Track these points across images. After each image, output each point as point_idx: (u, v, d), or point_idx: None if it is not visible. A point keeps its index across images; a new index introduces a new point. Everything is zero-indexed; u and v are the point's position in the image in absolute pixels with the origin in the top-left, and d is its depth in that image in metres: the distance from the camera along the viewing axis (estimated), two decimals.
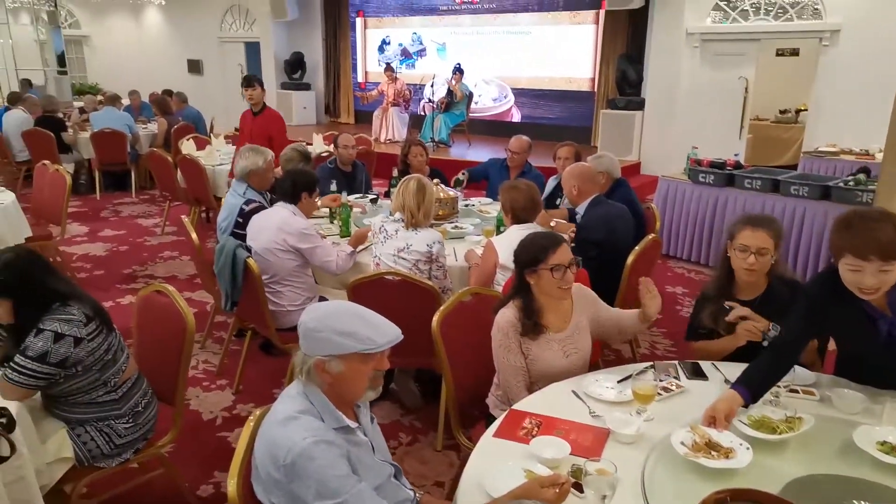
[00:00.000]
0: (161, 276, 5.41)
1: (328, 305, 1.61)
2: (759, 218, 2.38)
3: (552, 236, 2.27)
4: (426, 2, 11.87)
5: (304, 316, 1.58)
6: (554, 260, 2.17)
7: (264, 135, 5.11)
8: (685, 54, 8.55)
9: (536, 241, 2.24)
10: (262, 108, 5.25)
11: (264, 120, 5.21)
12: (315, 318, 1.56)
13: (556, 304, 2.28)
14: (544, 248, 2.19)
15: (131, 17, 15.18)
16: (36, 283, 2.07)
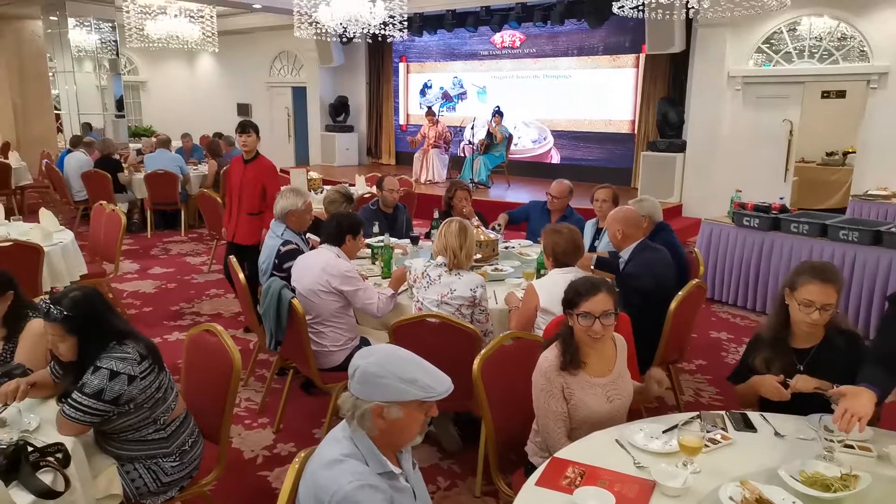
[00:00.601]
0: (207, 313, 5.55)
1: (385, 350, 1.63)
2: (825, 270, 2.29)
3: (592, 283, 2.27)
4: (467, 47, 12.16)
5: (360, 360, 1.58)
6: (584, 307, 2.20)
7: (256, 184, 4.84)
8: (727, 97, 8.52)
9: (576, 285, 2.28)
10: (254, 156, 4.89)
11: (256, 168, 4.87)
12: (376, 362, 1.55)
13: (600, 348, 2.29)
14: (579, 293, 2.23)
15: (186, 63, 15.95)
16: (100, 321, 2.16)
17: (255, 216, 4.89)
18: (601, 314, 2.19)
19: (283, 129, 14.67)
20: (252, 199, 4.86)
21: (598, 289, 2.22)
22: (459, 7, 10.45)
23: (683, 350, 3.72)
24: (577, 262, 3.18)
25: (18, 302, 2.64)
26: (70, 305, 2.11)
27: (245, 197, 4.86)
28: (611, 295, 2.24)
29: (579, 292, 2.22)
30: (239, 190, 4.88)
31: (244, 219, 4.90)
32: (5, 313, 2.60)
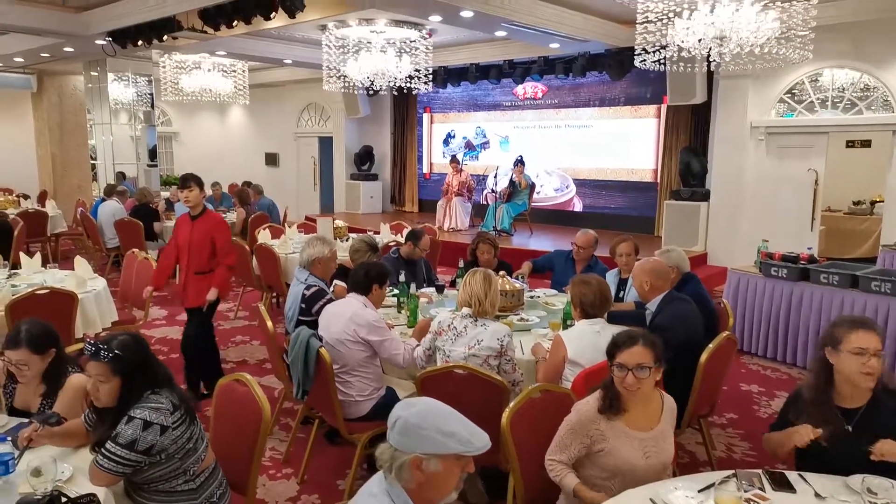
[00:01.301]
0: (233, 360, 5.59)
1: (426, 402, 1.64)
2: (865, 320, 2.33)
3: (630, 335, 2.30)
4: (490, 98, 12.42)
5: (400, 411, 1.59)
6: (620, 359, 2.22)
7: (205, 240, 4.53)
8: (750, 147, 8.55)
9: (616, 339, 2.30)
10: (201, 212, 4.57)
11: (204, 224, 4.55)
12: (417, 413, 1.56)
13: (643, 402, 2.29)
14: (617, 344, 2.26)
15: (217, 115, 16.48)
16: (144, 365, 2.20)
17: (203, 275, 4.60)
18: (635, 366, 2.19)
19: (310, 178, 14.99)
20: (201, 258, 4.58)
21: (636, 341, 2.24)
22: (483, 61, 10.73)
23: (715, 404, 3.65)
24: (604, 314, 3.17)
25: (60, 357, 2.66)
26: (119, 346, 2.16)
27: (193, 255, 4.58)
28: (649, 349, 2.25)
29: (617, 343, 2.26)
30: (187, 249, 4.59)
31: (192, 279, 4.62)
32: (47, 369, 2.61)
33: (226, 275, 4.65)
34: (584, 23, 7.98)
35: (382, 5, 6.66)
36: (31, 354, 2.56)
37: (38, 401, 2.65)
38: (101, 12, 8.15)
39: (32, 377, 2.61)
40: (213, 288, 4.54)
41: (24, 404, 2.71)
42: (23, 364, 2.55)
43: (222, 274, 4.60)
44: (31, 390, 2.67)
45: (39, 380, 2.64)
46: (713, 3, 5.69)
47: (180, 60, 11.14)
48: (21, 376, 2.60)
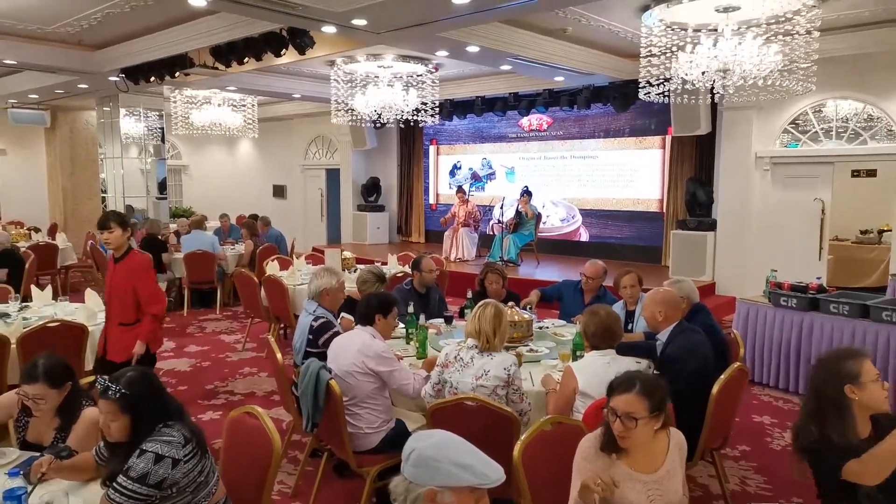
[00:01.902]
0: (241, 392, 5.58)
1: (440, 434, 1.64)
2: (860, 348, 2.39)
3: (628, 380, 2.20)
4: (496, 130, 12.57)
5: (415, 443, 1.59)
6: (612, 402, 2.17)
7: (127, 286, 4.00)
8: (756, 177, 8.59)
9: (616, 378, 2.24)
10: (124, 253, 4.05)
11: (126, 267, 4.02)
12: (432, 446, 1.56)
13: (645, 442, 2.19)
14: (612, 387, 2.20)
15: (226, 148, 16.71)
16: (153, 400, 2.21)
17: (127, 327, 4.05)
18: (623, 415, 2.12)
19: (317, 210, 15.10)
20: (124, 306, 4.03)
21: (630, 387, 2.15)
22: (488, 93, 10.88)
23: (727, 436, 3.61)
24: (613, 346, 3.16)
25: (75, 391, 2.67)
26: (127, 384, 2.17)
27: (115, 302, 4.06)
28: (644, 398, 2.13)
29: (612, 386, 2.21)
30: (109, 295, 4.11)
31: (115, 330, 4.09)
32: (61, 403, 2.62)
33: (151, 326, 4.01)
34: (589, 57, 8.11)
35: (390, 41, 6.79)
36: (48, 389, 2.57)
37: (52, 434, 2.65)
38: (115, 50, 8.34)
39: (48, 411, 2.62)
40: (138, 341, 3.98)
41: (36, 438, 2.71)
42: (40, 398, 2.56)
43: (147, 325, 4.00)
44: (45, 424, 2.67)
45: (54, 413, 2.64)
46: (716, 37, 5.80)
47: (191, 95, 11.36)
48: (37, 410, 2.60)
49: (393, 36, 6.45)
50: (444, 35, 6.45)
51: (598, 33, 7.34)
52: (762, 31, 5.65)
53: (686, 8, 5.91)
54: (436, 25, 6.06)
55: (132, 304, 4.03)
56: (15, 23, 7.21)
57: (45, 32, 7.70)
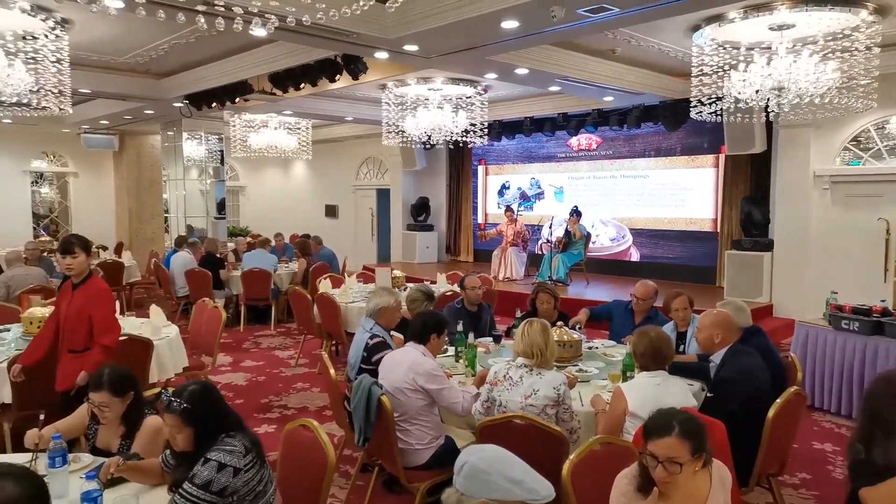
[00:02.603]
0: (294, 406, 5.72)
1: (493, 449, 1.69)
2: None
3: (664, 425, 2.06)
4: (545, 150, 12.59)
5: (468, 456, 1.64)
6: (651, 448, 2.04)
7: (82, 314, 3.76)
8: (814, 196, 8.34)
9: (649, 422, 2.11)
10: (84, 279, 3.82)
11: (84, 294, 3.78)
12: (483, 459, 1.62)
13: (683, 484, 2.06)
14: (648, 432, 2.08)
15: (281, 169, 17.26)
16: (214, 413, 2.33)
17: (77, 355, 3.79)
18: (665, 460, 1.99)
19: (367, 229, 15.39)
20: (76, 333, 3.78)
21: (669, 432, 2.02)
22: (537, 114, 10.94)
23: (785, 462, 3.51)
24: (661, 367, 3.13)
25: (138, 401, 2.84)
26: (189, 398, 2.30)
27: (67, 330, 3.80)
28: (685, 440, 2.01)
29: (649, 430, 2.06)
30: (63, 321, 3.84)
31: (65, 357, 3.84)
32: (126, 411, 2.80)
33: (99, 357, 3.67)
34: (638, 76, 8.09)
35: (440, 65, 6.95)
36: (112, 397, 2.74)
37: (119, 441, 2.82)
38: (179, 78, 8.80)
39: (113, 418, 2.79)
40: (82, 372, 3.66)
41: (105, 444, 2.88)
42: (105, 406, 2.74)
43: (95, 356, 3.69)
44: (112, 431, 2.85)
45: (119, 421, 2.82)
46: (770, 55, 5.72)
47: (249, 119, 11.82)
48: (102, 417, 2.78)
49: (443, 60, 6.61)
50: (492, 58, 6.56)
51: (648, 53, 7.32)
52: (819, 48, 5.54)
53: (738, 26, 5.85)
54: (484, 49, 6.18)
55: (85, 332, 3.78)
56: (91, 54, 7.71)
57: (118, 63, 8.20)
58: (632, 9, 4.81)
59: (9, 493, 1.45)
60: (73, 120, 11.87)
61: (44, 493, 1.53)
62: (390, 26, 5.55)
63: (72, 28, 6.13)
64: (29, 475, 1.54)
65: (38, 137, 13.92)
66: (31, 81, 5.71)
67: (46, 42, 5.70)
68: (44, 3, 5.40)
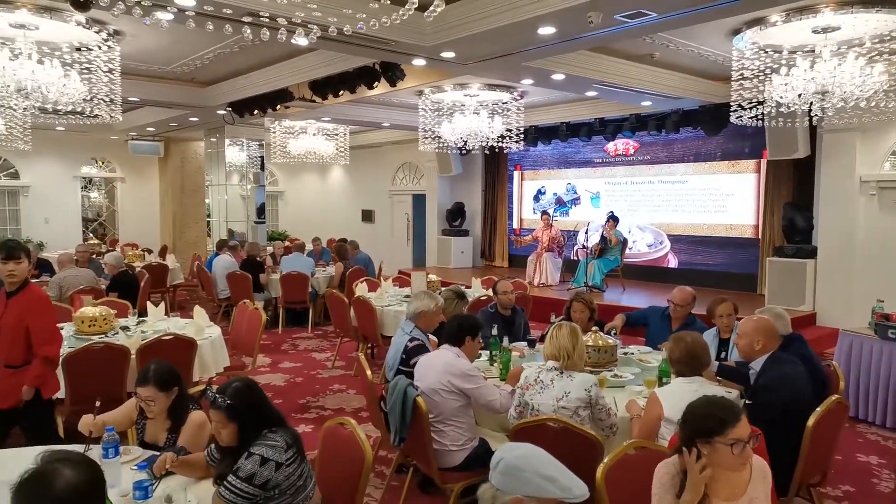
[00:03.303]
0: (331, 407, 5.82)
1: (528, 446, 1.73)
2: None
3: (731, 408, 2.15)
4: (581, 155, 12.53)
5: (504, 453, 1.68)
6: (734, 435, 2.07)
7: (19, 324, 3.49)
8: (860, 202, 8.12)
9: (714, 412, 2.13)
10: (20, 286, 3.55)
11: (21, 304, 3.52)
12: (519, 456, 1.66)
13: (729, 473, 2.15)
14: (723, 421, 2.09)
15: (318, 174, 17.56)
16: (257, 409, 2.42)
17: (15, 370, 3.53)
18: (750, 437, 2.08)
19: (403, 234, 15.53)
20: (13, 345, 3.51)
21: (739, 413, 2.12)
22: (573, 119, 10.91)
23: (826, 473, 3.44)
24: (700, 373, 3.11)
25: (182, 396, 2.96)
26: (233, 394, 2.39)
27: (5, 342, 3.51)
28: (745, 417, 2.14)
29: (725, 420, 2.09)
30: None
31: (2, 373, 3.53)
32: (171, 406, 2.91)
33: (40, 370, 3.51)
34: (677, 81, 8.01)
35: (476, 72, 7.01)
36: (157, 391, 2.86)
37: (165, 435, 2.93)
38: (223, 86, 9.07)
39: (158, 412, 2.90)
40: (25, 386, 3.48)
41: (153, 438, 3.00)
42: (150, 400, 2.85)
43: (36, 369, 3.49)
44: (159, 425, 2.96)
45: (165, 415, 2.93)
46: (813, 58, 5.62)
47: (288, 126, 12.08)
48: (149, 411, 2.90)
49: (479, 67, 6.67)
50: (528, 64, 6.59)
51: (687, 57, 7.25)
52: (865, 50, 5.42)
53: (780, 30, 5.76)
54: (521, 56, 6.22)
55: (23, 344, 3.53)
56: (139, 64, 8.02)
57: (165, 72, 8.50)
58: (670, 13, 4.78)
59: (67, 478, 1.54)
60: (121, 127, 12.30)
61: (100, 480, 1.62)
62: (428, 34, 5.63)
63: (122, 39, 6.39)
64: (85, 461, 1.63)
65: (88, 144, 14.47)
66: (84, 91, 5.95)
67: (99, 53, 5.96)
68: (98, 16, 5.65)
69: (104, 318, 5.07)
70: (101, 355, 4.36)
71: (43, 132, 11.45)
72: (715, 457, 2.10)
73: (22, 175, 13.93)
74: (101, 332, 4.99)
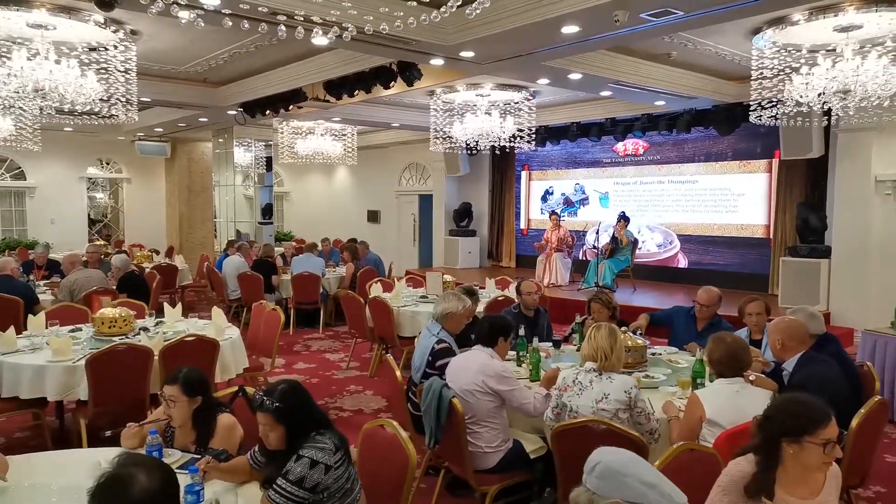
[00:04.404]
0: (349, 409, 5.78)
1: (626, 452, 1.71)
2: None
3: (822, 407, 2.12)
4: (590, 155, 12.50)
5: (601, 456, 1.65)
6: (826, 435, 2.05)
7: None
8: (876, 202, 8.10)
9: (804, 412, 2.10)
10: None
11: None
12: (619, 461, 1.63)
13: (808, 473, 2.14)
14: (815, 421, 2.06)
15: (324, 175, 17.52)
16: (305, 411, 2.38)
17: None
18: (839, 437, 2.08)
19: (410, 234, 15.50)
20: None
21: (830, 413, 2.10)
22: (584, 119, 10.88)
23: (866, 474, 3.41)
24: (738, 374, 3.08)
25: (208, 406, 2.84)
26: (281, 396, 2.35)
27: None
28: None
29: (815, 420, 2.06)
30: None
31: None
32: (195, 416, 2.81)
33: None
34: (692, 80, 7.99)
35: (493, 71, 6.98)
36: (182, 394, 2.79)
37: (193, 447, 2.85)
38: (236, 86, 9.03)
39: (179, 417, 2.81)
40: None
41: (182, 446, 2.92)
42: (173, 399, 2.78)
43: None
44: (186, 434, 2.87)
45: (190, 426, 2.84)
46: (835, 57, 5.59)
47: (296, 126, 12.05)
48: (169, 411, 2.81)
49: (497, 66, 6.64)
50: (547, 64, 6.56)
51: (703, 57, 7.23)
52: (887, 48, 5.39)
53: (801, 28, 5.73)
54: (540, 55, 6.19)
55: None
56: (152, 64, 7.97)
57: (177, 72, 8.46)
58: (696, 12, 4.76)
59: (142, 484, 1.51)
60: (128, 128, 12.27)
61: (174, 483, 1.59)
62: (450, 33, 5.60)
63: (139, 39, 6.35)
64: (160, 466, 1.60)
65: (94, 145, 14.43)
66: (101, 90, 5.91)
67: (116, 53, 5.92)
68: (116, 15, 5.61)
69: (124, 320, 5.02)
70: (124, 357, 4.31)
71: (49, 133, 11.40)
72: (802, 455, 2.07)
73: (28, 176, 13.89)
74: (121, 334, 4.93)
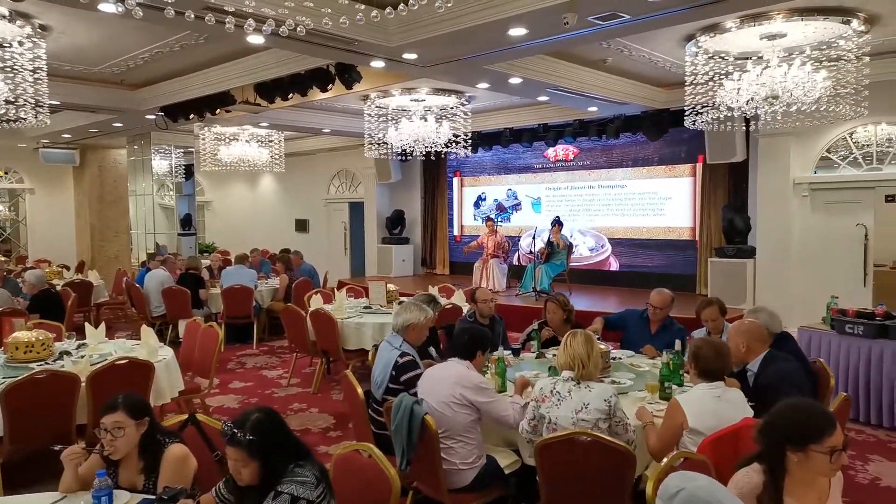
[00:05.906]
0: (295, 428, 5.35)
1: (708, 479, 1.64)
2: None
3: (826, 414, 2.09)
4: (521, 161, 12.62)
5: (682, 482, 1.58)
6: (831, 443, 1.99)
7: None
8: (794, 203, 8.55)
9: (809, 420, 2.05)
10: None
11: None
12: (703, 488, 1.57)
13: (814, 479, 2.10)
14: (821, 428, 2.00)
15: (248, 183, 16.83)
16: (282, 443, 2.14)
17: None
18: (845, 444, 2.03)
19: (340, 243, 15.12)
20: None
21: (835, 419, 2.06)
22: (517, 125, 10.95)
23: None
24: (720, 378, 3.06)
25: (154, 429, 2.60)
26: (254, 428, 2.10)
27: None
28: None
29: (822, 427, 2.01)
30: None
31: None
32: (142, 443, 2.55)
33: None
34: (625, 86, 8.17)
35: (434, 74, 6.85)
36: (128, 418, 2.50)
37: (142, 478, 2.56)
38: (156, 88, 8.45)
39: (126, 447, 2.52)
40: None
41: (129, 483, 2.61)
42: (119, 427, 2.47)
43: None
44: (132, 467, 2.58)
45: (137, 455, 2.56)
46: (764, 64, 5.83)
47: (219, 132, 11.47)
48: (112, 444, 2.49)
49: (438, 69, 6.52)
50: (489, 67, 6.50)
51: (637, 63, 7.40)
52: (808, 56, 5.67)
53: (731, 36, 5.95)
54: (483, 58, 6.11)
55: None
56: (62, 64, 7.31)
57: (90, 73, 7.81)
58: (643, 16, 4.81)
59: None
60: (31, 134, 11.29)
61: None
62: (393, 33, 5.43)
63: (50, 35, 5.79)
64: None
65: None
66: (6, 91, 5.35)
67: (23, 50, 5.36)
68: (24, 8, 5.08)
69: (42, 343, 4.51)
70: (46, 385, 3.87)
71: None
72: (808, 465, 2.02)
73: None
74: (39, 359, 4.43)
